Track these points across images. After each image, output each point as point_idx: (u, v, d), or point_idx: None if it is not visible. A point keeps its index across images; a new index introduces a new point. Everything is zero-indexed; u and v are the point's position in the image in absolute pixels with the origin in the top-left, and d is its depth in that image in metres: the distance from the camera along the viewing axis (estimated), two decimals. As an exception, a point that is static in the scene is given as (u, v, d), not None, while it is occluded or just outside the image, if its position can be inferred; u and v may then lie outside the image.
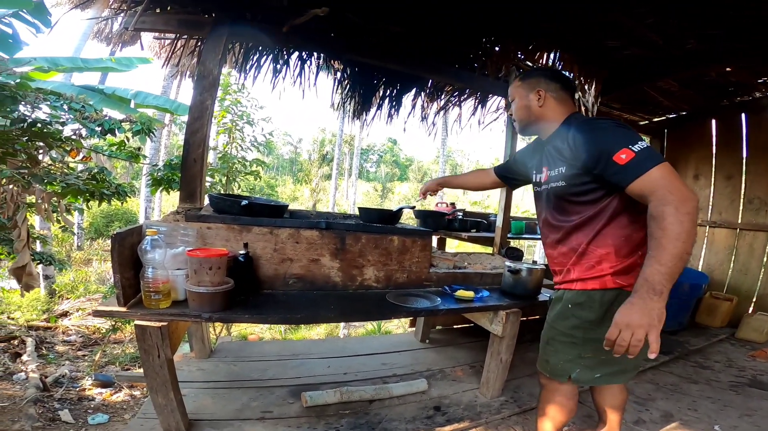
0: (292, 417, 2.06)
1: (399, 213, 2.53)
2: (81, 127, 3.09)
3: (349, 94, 3.65)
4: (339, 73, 3.51)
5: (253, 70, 3.14)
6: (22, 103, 2.77)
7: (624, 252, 1.37)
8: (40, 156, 3.16)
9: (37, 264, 4.88)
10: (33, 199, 3.36)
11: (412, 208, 2.98)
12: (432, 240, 2.53)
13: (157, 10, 2.37)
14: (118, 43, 10.74)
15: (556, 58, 3.28)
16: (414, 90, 3.71)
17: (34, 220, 7.11)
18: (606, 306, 1.40)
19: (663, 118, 4.80)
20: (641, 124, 4.91)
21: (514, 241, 3.73)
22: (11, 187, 3.08)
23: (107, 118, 3.22)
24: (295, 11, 2.33)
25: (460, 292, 2.21)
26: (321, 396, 2.17)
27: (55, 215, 3.59)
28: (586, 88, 3.53)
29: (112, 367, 4.62)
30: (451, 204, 3.82)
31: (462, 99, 3.88)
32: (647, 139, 4.92)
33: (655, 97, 4.07)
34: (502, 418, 2.18)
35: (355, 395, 2.23)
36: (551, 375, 1.55)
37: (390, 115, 3.79)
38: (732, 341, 3.69)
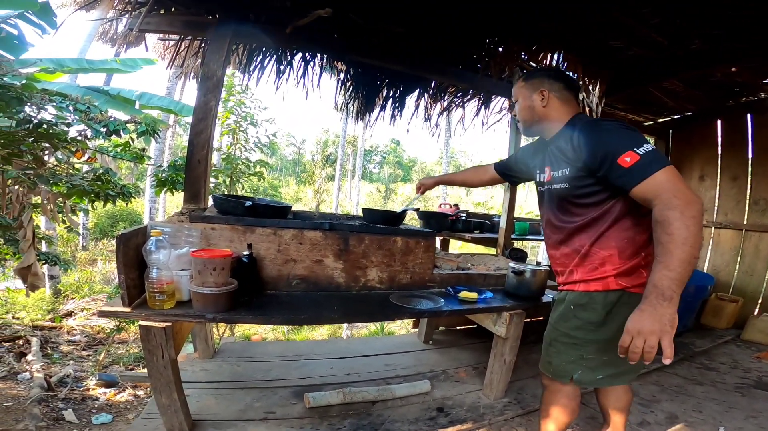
0: (295, 418, 2.06)
1: (403, 214, 2.53)
2: (86, 127, 3.10)
3: (352, 94, 3.65)
4: (342, 74, 3.51)
5: (256, 71, 3.15)
6: (28, 104, 2.79)
7: (627, 254, 1.36)
8: (46, 157, 3.18)
9: (43, 264, 4.90)
10: (38, 199, 3.38)
11: (417, 209, 2.98)
12: (435, 242, 2.53)
13: (162, 11, 2.39)
14: (123, 45, 10.79)
15: (560, 58, 3.27)
16: (417, 91, 3.71)
17: (40, 221, 7.17)
18: (608, 307, 1.40)
19: (668, 119, 4.78)
20: (646, 124, 4.89)
21: (517, 242, 3.72)
22: (17, 187, 3.11)
23: (112, 118, 3.24)
24: (299, 12, 2.34)
25: (463, 293, 2.21)
26: (324, 397, 2.17)
27: (60, 215, 3.62)
28: (590, 88, 3.52)
29: (116, 367, 4.64)
30: (455, 205, 3.83)
31: (465, 100, 3.88)
32: (652, 140, 4.90)
33: (659, 97, 4.05)
34: (505, 420, 2.17)
35: (358, 396, 2.23)
36: (553, 376, 1.55)
37: (393, 116, 3.79)
38: (737, 342, 3.67)
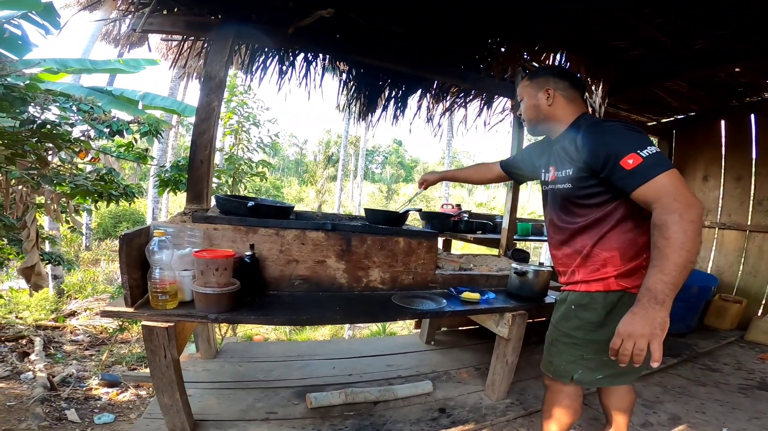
0: (297, 418, 2.07)
1: (405, 215, 2.53)
2: (90, 128, 3.11)
3: (354, 95, 3.65)
4: (344, 75, 3.51)
5: (259, 71, 3.16)
6: (32, 105, 2.80)
7: (629, 255, 1.36)
8: (50, 157, 3.19)
9: (46, 264, 4.92)
10: (42, 199, 3.39)
11: (419, 210, 2.98)
12: (438, 242, 2.52)
13: (164, 11, 2.39)
14: (126, 45, 10.83)
15: (563, 58, 3.26)
16: (419, 91, 3.71)
17: (44, 221, 7.18)
18: (609, 307, 1.40)
19: (671, 119, 4.76)
20: (649, 125, 4.87)
21: (520, 243, 3.71)
22: (21, 187, 3.11)
23: (115, 119, 3.25)
24: (301, 13, 2.34)
25: (465, 294, 2.20)
26: (326, 397, 2.17)
27: (63, 216, 3.63)
28: (594, 88, 3.51)
29: (118, 367, 4.65)
30: (457, 205, 3.82)
31: (468, 100, 3.87)
32: (655, 140, 4.88)
33: (663, 97, 4.04)
34: (507, 421, 2.16)
35: (360, 396, 2.23)
36: (554, 376, 1.55)
37: (395, 116, 3.79)
38: (741, 343, 3.65)
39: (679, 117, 4.68)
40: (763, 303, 4.01)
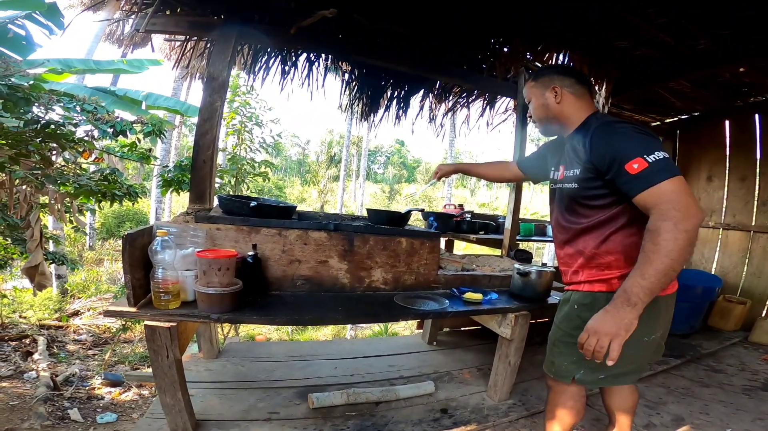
0: (299, 419, 2.07)
1: (407, 215, 2.52)
2: (93, 128, 3.12)
3: (356, 95, 3.65)
4: (347, 75, 3.51)
5: (261, 71, 3.16)
6: (36, 105, 2.81)
7: (633, 258, 1.33)
8: (53, 157, 3.20)
9: (50, 263, 4.94)
10: (46, 199, 3.41)
11: (421, 210, 2.97)
12: (440, 242, 2.52)
13: (167, 12, 2.40)
14: (130, 45, 10.87)
15: (566, 58, 3.26)
16: (422, 91, 3.71)
17: (47, 220, 7.22)
18: None
19: (675, 119, 4.74)
20: (653, 125, 4.85)
21: (523, 243, 3.70)
22: (25, 187, 3.13)
23: (119, 119, 3.26)
24: (303, 13, 2.34)
25: (468, 295, 2.20)
26: (328, 397, 2.17)
27: (67, 215, 3.64)
28: (597, 88, 3.50)
29: (121, 366, 4.67)
30: (460, 206, 3.81)
31: (470, 100, 3.87)
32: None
33: (666, 97, 4.02)
34: (509, 421, 2.16)
35: (362, 397, 2.23)
36: (556, 376, 1.54)
37: (398, 117, 3.79)
38: (745, 344, 3.63)
39: (683, 117, 4.66)
40: (768, 304, 3.99)
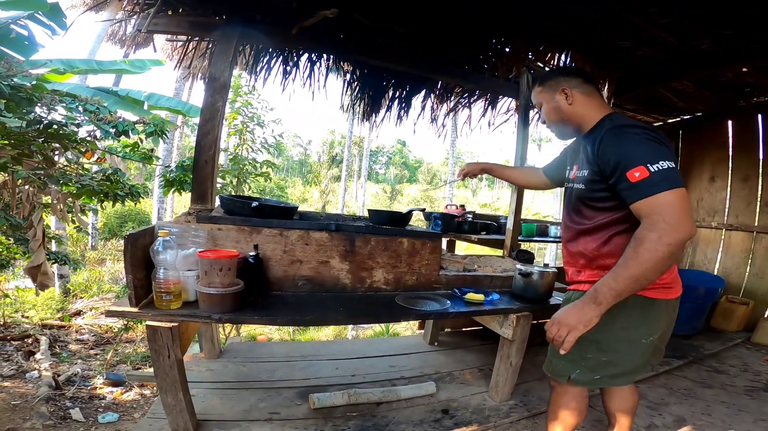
0: (300, 419, 2.06)
1: (409, 215, 2.52)
2: (96, 128, 3.13)
3: (358, 95, 3.65)
4: (348, 75, 3.51)
5: (263, 71, 3.16)
6: (38, 105, 2.82)
7: None
8: (56, 157, 3.21)
9: (52, 263, 4.95)
10: (48, 199, 3.42)
11: (422, 210, 2.97)
12: (442, 243, 2.52)
13: (169, 12, 2.40)
14: (132, 46, 10.88)
15: (568, 58, 3.25)
16: (423, 91, 3.70)
17: (50, 220, 7.25)
18: (612, 309, 1.37)
19: (678, 120, 4.73)
20: (655, 125, 4.84)
21: (524, 244, 3.69)
22: (27, 187, 3.14)
23: (121, 119, 3.26)
24: (305, 13, 2.34)
25: (469, 295, 2.19)
26: (329, 397, 2.17)
27: (70, 215, 3.65)
28: (599, 88, 3.49)
29: (123, 366, 4.68)
30: (461, 206, 3.80)
31: (472, 100, 3.86)
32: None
33: (669, 97, 4.01)
34: (510, 422, 2.15)
35: (363, 397, 2.22)
36: (553, 375, 1.55)
37: (399, 117, 3.79)
38: (747, 345, 3.62)
39: (685, 117, 4.65)
40: (771, 305, 3.97)
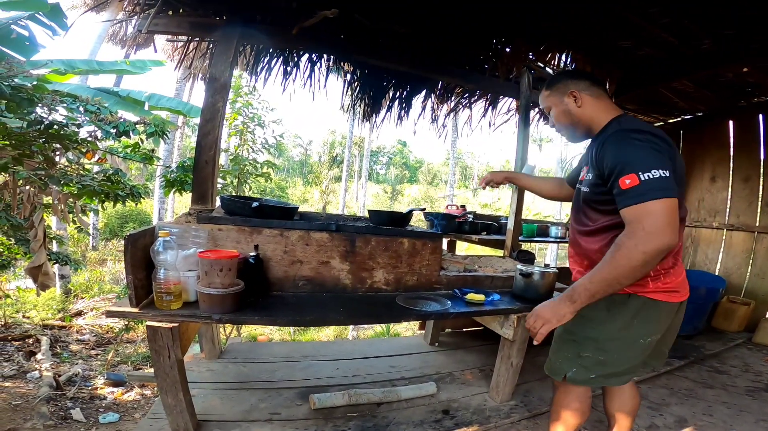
0: (300, 419, 2.06)
1: (409, 215, 2.52)
2: (96, 128, 3.14)
3: (359, 95, 3.65)
4: (349, 75, 3.52)
5: (263, 72, 3.17)
6: (39, 105, 2.82)
7: None
8: (57, 157, 3.22)
9: (53, 263, 4.97)
10: (49, 199, 3.42)
11: (423, 210, 2.97)
12: (442, 243, 2.51)
13: (170, 12, 2.41)
14: (133, 46, 10.89)
15: (568, 58, 3.25)
16: (424, 92, 3.71)
17: (51, 221, 7.25)
18: (611, 307, 1.39)
19: (678, 120, 4.72)
20: (656, 125, 4.83)
21: (525, 244, 3.69)
22: (28, 188, 3.14)
23: (122, 120, 3.27)
24: (305, 13, 2.34)
25: (470, 295, 2.19)
26: (329, 398, 2.17)
27: (71, 216, 3.66)
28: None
29: (124, 366, 4.68)
30: (462, 206, 3.80)
31: (472, 100, 3.86)
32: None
33: (670, 97, 4.01)
34: (511, 422, 2.15)
35: (364, 398, 2.22)
36: (550, 373, 1.56)
37: (400, 117, 3.79)
38: (749, 346, 3.61)
39: (686, 117, 4.64)
40: (772, 305, 3.96)
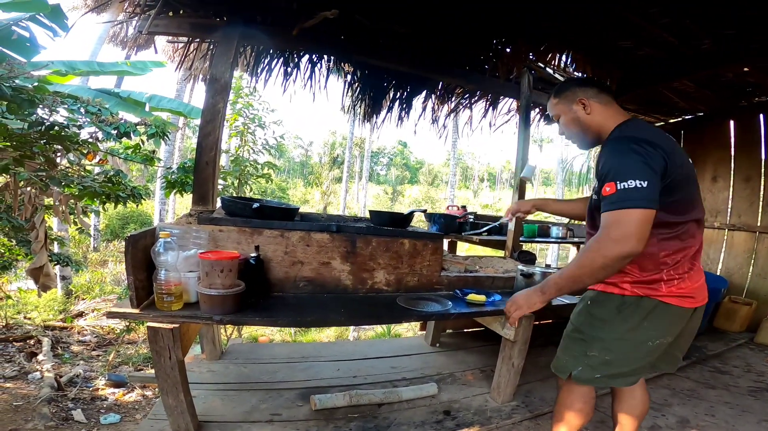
0: (301, 420, 2.06)
1: (410, 216, 2.52)
2: (97, 130, 3.14)
3: (359, 96, 3.65)
4: (349, 76, 3.52)
5: (264, 73, 3.17)
6: (40, 107, 2.82)
7: (648, 269, 1.36)
8: (58, 159, 3.22)
9: (54, 265, 4.97)
10: (51, 201, 3.42)
11: (424, 211, 2.97)
12: (443, 244, 2.51)
13: (170, 13, 2.41)
14: (133, 47, 10.91)
15: (568, 58, 3.25)
16: (424, 92, 3.71)
17: (52, 222, 7.25)
18: (622, 308, 1.39)
19: (679, 120, 4.72)
20: (657, 125, 4.82)
21: (526, 245, 3.69)
22: (29, 189, 3.14)
23: (123, 121, 3.27)
24: (305, 14, 2.34)
25: (471, 296, 2.19)
26: (330, 399, 2.16)
27: (72, 217, 3.66)
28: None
29: (125, 367, 4.68)
30: (463, 207, 3.80)
31: (473, 101, 3.86)
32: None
33: (670, 97, 4.00)
34: (512, 423, 2.15)
35: (364, 398, 2.22)
36: (556, 370, 1.56)
37: (400, 118, 3.79)
38: (751, 346, 3.60)
39: (687, 117, 4.64)
40: (774, 305, 3.94)
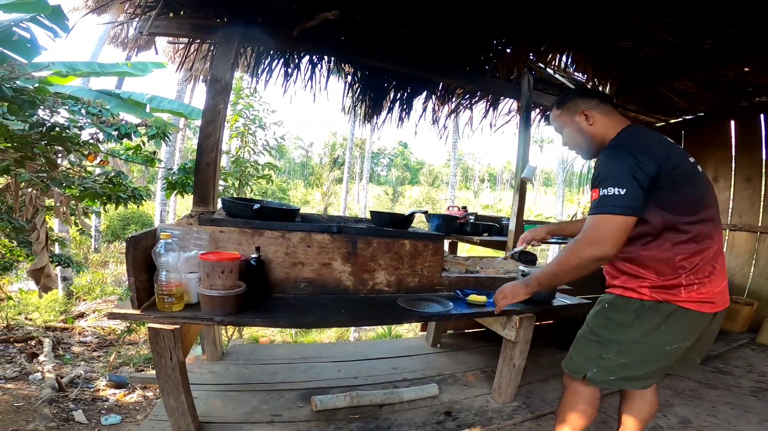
0: (302, 421, 2.06)
1: (411, 217, 2.52)
2: (98, 131, 3.14)
3: (359, 97, 3.65)
4: (350, 77, 3.52)
5: (264, 74, 3.17)
6: (41, 108, 2.83)
7: (665, 274, 1.36)
8: (59, 160, 3.22)
9: (56, 266, 4.96)
10: (52, 202, 3.43)
11: (425, 212, 2.97)
12: (444, 245, 2.51)
13: (170, 14, 2.41)
14: (134, 48, 10.90)
15: (569, 59, 3.25)
16: (425, 93, 3.71)
17: (53, 223, 7.26)
18: (640, 312, 1.39)
19: (680, 120, 4.71)
20: (658, 125, 4.82)
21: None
22: (30, 190, 3.14)
23: (124, 122, 3.27)
24: (306, 15, 2.35)
25: (472, 297, 2.19)
26: (331, 400, 2.16)
27: (73, 218, 3.66)
28: (600, 89, 3.48)
29: (126, 368, 4.68)
30: (463, 208, 3.80)
31: (473, 102, 3.86)
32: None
33: (671, 98, 4.00)
34: (514, 424, 2.14)
35: (365, 399, 2.22)
36: (570, 371, 1.56)
37: (401, 118, 3.79)
38: (752, 346, 3.60)
39: (687, 117, 4.63)
40: (775, 305, 3.94)
